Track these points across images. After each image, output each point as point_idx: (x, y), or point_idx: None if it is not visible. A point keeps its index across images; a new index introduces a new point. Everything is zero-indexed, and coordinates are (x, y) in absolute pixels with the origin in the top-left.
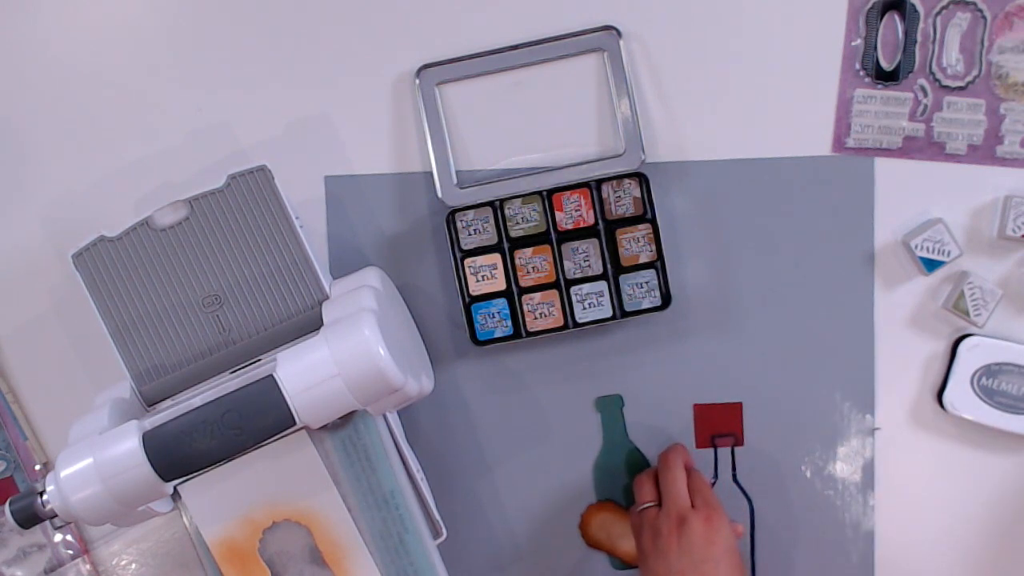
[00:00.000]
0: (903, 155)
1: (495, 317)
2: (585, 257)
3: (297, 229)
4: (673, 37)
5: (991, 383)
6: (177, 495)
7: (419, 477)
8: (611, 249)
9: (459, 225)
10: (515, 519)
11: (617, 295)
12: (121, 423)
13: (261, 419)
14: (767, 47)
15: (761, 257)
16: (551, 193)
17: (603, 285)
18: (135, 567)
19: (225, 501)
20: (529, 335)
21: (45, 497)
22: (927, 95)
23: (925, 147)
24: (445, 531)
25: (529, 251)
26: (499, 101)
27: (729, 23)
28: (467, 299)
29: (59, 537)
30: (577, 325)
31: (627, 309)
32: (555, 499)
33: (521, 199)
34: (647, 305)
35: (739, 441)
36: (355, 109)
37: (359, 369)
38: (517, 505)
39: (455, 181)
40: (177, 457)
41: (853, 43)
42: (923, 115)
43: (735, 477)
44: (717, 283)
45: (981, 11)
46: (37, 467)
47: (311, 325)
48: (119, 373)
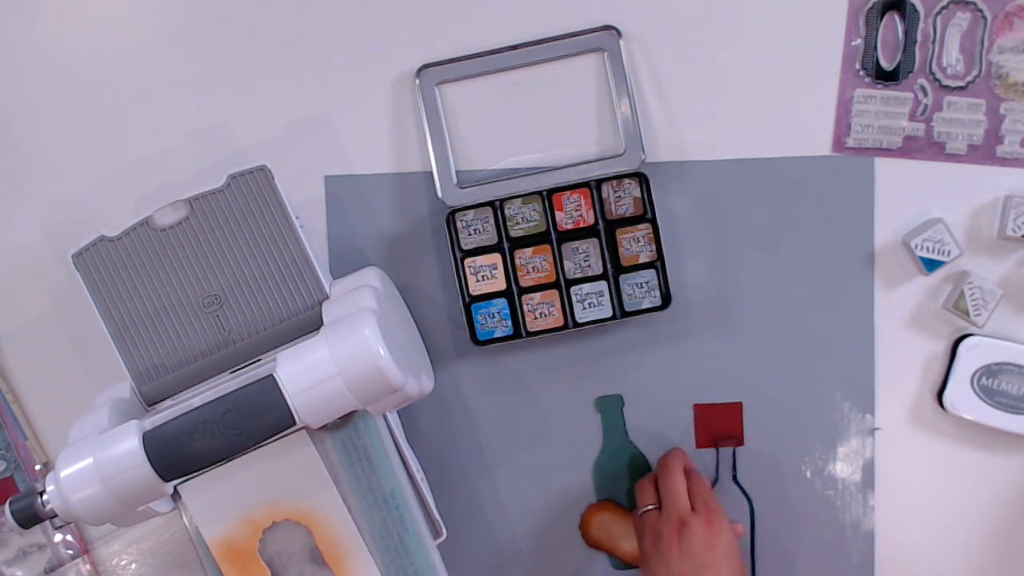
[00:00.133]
0: (903, 155)
1: (495, 317)
2: (585, 257)
3: (297, 229)
4: (673, 37)
5: (991, 383)
6: (177, 495)
7: (419, 477)
8: (611, 249)
9: (459, 225)
10: (515, 519)
11: (617, 295)
12: (121, 423)
13: (261, 419)
14: (767, 47)
15: (761, 257)
16: (551, 193)
17: (603, 285)
18: (135, 567)
19: (225, 501)
20: (529, 335)
21: (45, 497)
22: (927, 95)
23: (925, 147)
24: (445, 531)
25: (529, 251)
26: (499, 101)
27: (729, 23)
28: (467, 299)
29: (59, 537)
30: (577, 325)
31: (627, 309)
32: (555, 499)
33: (521, 199)
34: (647, 305)
35: (739, 441)
36: (355, 109)
37: (359, 369)
38: (517, 505)
39: (455, 181)
40: (177, 457)
41: (853, 43)
42: (923, 115)
43: (735, 477)
44: (717, 283)
45: (981, 11)
46: (37, 467)
47: (311, 325)
48: (119, 373)
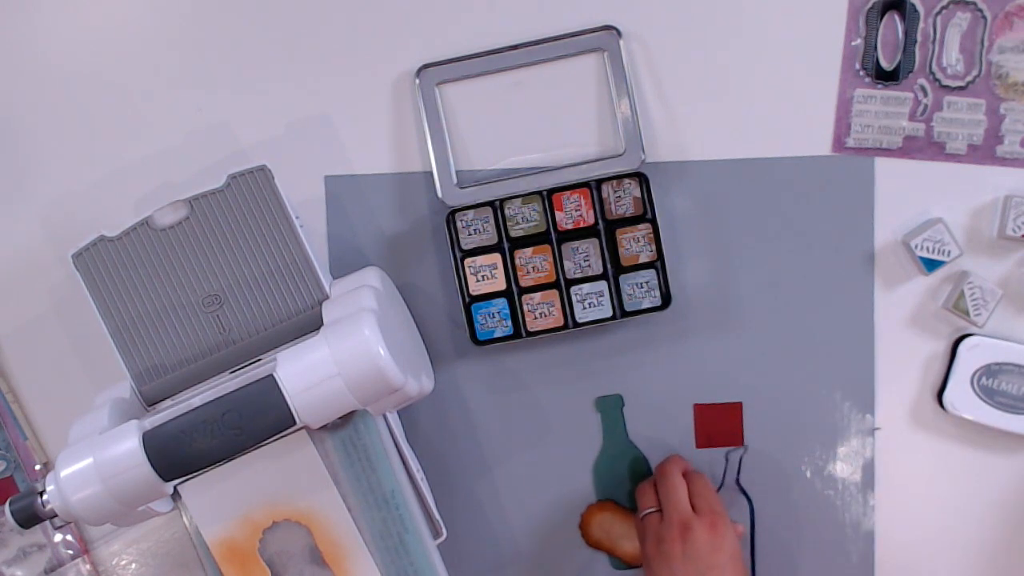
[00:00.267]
0: (903, 155)
1: (495, 317)
2: (585, 257)
3: (297, 229)
4: (673, 37)
5: (991, 383)
6: (177, 495)
7: (419, 477)
8: (611, 249)
9: (459, 225)
10: (515, 519)
11: (617, 295)
12: (121, 423)
13: (261, 419)
14: (767, 47)
15: (761, 257)
16: (551, 193)
17: (603, 285)
18: (135, 567)
19: (225, 501)
20: (529, 335)
21: (45, 497)
22: (927, 95)
23: (925, 147)
24: (445, 531)
25: (529, 251)
26: (499, 101)
27: (729, 23)
28: (467, 299)
29: (59, 537)
30: (577, 325)
31: (627, 309)
32: (555, 499)
33: (521, 199)
34: (647, 305)
35: (739, 441)
36: (355, 109)
37: (359, 369)
38: (517, 505)
39: (455, 181)
40: (177, 457)
41: (853, 43)
42: (923, 115)
43: (738, 480)
44: (717, 283)
45: (981, 11)
46: (37, 467)
47: (311, 325)
48: (119, 373)
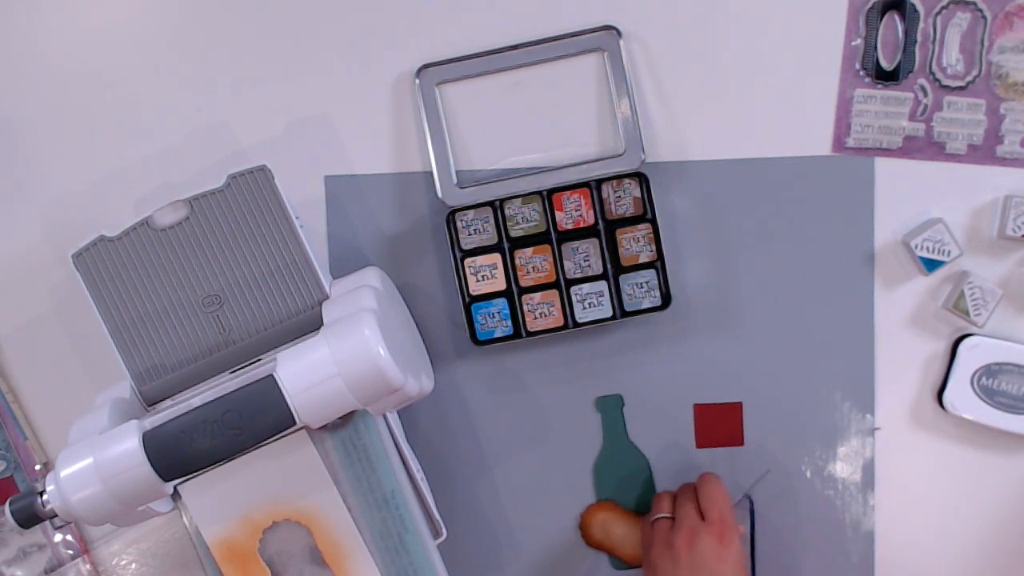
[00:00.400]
0: (903, 155)
1: (495, 317)
2: (585, 257)
3: (297, 229)
4: (673, 37)
5: (991, 383)
6: (177, 495)
7: (419, 477)
8: (611, 249)
9: (459, 225)
10: (515, 519)
11: (617, 295)
12: (121, 423)
13: (261, 419)
14: (767, 47)
15: (761, 257)
16: (551, 193)
17: (603, 285)
18: (135, 567)
19: (225, 501)
20: (529, 335)
21: (45, 497)
22: (927, 95)
23: (925, 147)
24: (445, 531)
25: (529, 251)
26: (499, 101)
27: (729, 23)
28: (467, 299)
29: (59, 537)
30: (577, 325)
31: (627, 309)
32: (555, 499)
33: (521, 199)
34: (647, 305)
35: (739, 441)
36: (355, 109)
37: (359, 369)
38: (517, 505)
39: (455, 181)
40: (177, 457)
41: (853, 43)
42: (923, 115)
43: (749, 492)
44: (717, 283)
45: (981, 11)
46: (37, 467)
47: (311, 325)
48: (119, 373)
